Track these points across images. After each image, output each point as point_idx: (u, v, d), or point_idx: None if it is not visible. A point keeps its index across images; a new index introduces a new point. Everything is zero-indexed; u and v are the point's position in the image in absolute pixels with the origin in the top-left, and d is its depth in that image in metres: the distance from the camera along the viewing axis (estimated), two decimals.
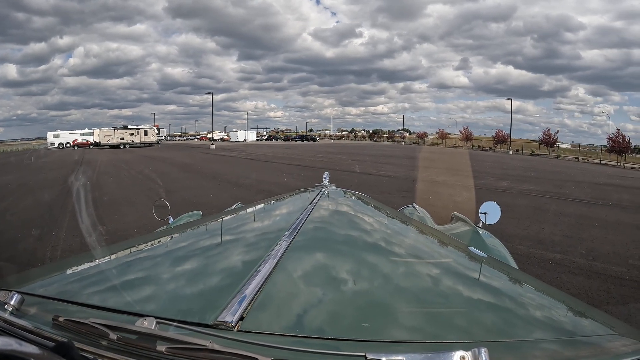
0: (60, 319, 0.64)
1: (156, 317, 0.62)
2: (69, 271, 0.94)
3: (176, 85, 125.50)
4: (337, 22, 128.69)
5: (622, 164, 29.93)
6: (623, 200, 9.83)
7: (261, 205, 1.70)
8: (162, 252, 1.09)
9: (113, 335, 0.59)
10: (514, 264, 1.52)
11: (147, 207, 7.58)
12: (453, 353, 0.54)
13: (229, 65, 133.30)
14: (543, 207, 8.29)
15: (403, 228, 1.52)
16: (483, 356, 0.53)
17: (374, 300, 0.77)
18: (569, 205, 8.72)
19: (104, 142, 44.45)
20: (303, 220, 1.17)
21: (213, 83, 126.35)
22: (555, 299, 0.92)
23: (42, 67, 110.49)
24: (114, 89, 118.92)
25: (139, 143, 46.25)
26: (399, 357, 0.55)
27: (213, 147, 38.53)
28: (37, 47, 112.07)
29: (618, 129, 33.89)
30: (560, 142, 46.92)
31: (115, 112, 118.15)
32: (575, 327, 0.80)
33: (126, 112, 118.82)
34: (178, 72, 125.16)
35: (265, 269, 0.80)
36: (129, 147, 42.98)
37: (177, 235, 1.27)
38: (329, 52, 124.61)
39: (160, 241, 1.19)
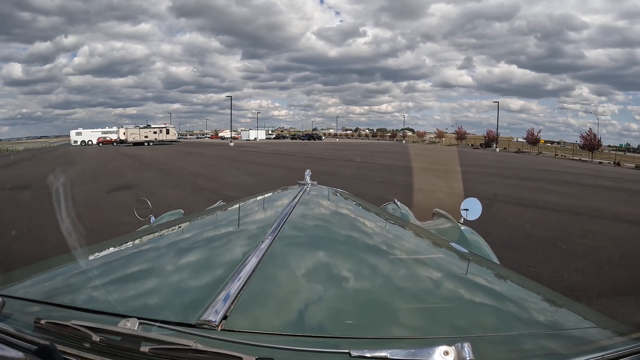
0: (42, 322, 0.64)
1: (139, 318, 0.62)
2: (50, 273, 0.94)
3: (180, 84, 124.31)
4: (341, 21, 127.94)
5: (590, 160, 34.58)
6: (540, 179, 14.57)
7: (243, 203, 1.70)
8: (144, 251, 1.09)
9: (96, 337, 0.59)
10: (495, 260, 1.55)
11: (231, 175, 12.70)
12: (436, 348, 0.55)
13: (233, 64, 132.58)
14: (467, 177, 13.24)
15: (385, 225, 1.53)
16: (466, 351, 0.54)
17: (358, 297, 0.78)
18: (484, 176, 13.61)
19: (130, 139, 47.28)
20: (285, 218, 1.18)
21: (217, 82, 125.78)
22: (537, 293, 0.93)
23: (47, 66, 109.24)
24: (118, 87, 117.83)
25: (162, 141, 49.00)
26: (383, 353, 0.55)
27: (232, 144, 43.03)
28: (42, 46, 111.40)
29: (590, 129, 38.61)
30: (555, 142, 51.34)
31: (119, 110, 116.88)
32: (558, 320, 0.81)
33: (131, 110, 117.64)
34: (182, 71, 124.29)
35: (248, 267, 0.80)
36: (153, 145, 45.73)
37: (158, 234, 1.27)
38: (333, 51, 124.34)
39: (142, 241, 1.20)
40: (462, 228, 1.88)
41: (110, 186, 10.58)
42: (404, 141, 73.47)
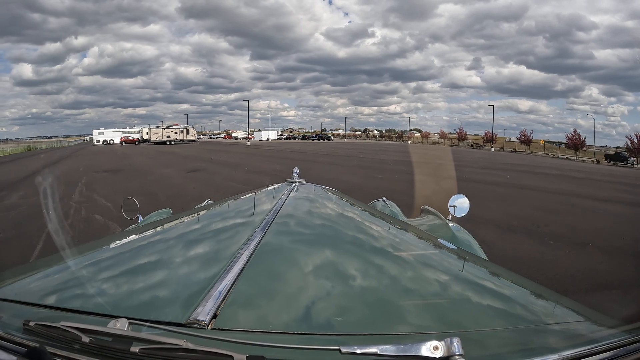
0: (31, 324, 0.64)
1: (129, 318, 0.63)
2: (38, 274, 0.95)
3: (189, 84, 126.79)
4: (349, 22, 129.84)
5: (574, 158, 38.31)
6: (501, 169, 18.62)
7: (231, 202, 1.72)
8: (132, 251, 1.10)
9: (85, 339, 0.60)
10: (483, 256, 1.57)
11: (267, 165, 17.21)
12: (426, 343, 0.56)
13: (242, 64, 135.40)
14: (444, 167, 17.39)
15: (374, 222, 1.54)
16: (456, 345, 0.55)
17: (348, 294, 0.79)
18: (457, 167, 17.79)
19: (153, 139, 49.32)
20: (274, 216, 1.19)
21: (226, 82, 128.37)
22: (525, 288, 0.95)
23: (57, 66, 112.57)
24: (127, 88, 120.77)
25: (183, 140, 51.58)
26: (373, 350, 0.56)
27: (249, 144, 46.91)
28: (52, 47, 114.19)
29: (575, 129, 42.39)
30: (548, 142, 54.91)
31: (129, 110, 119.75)
32: (546, 315, 0.82)
33: (140, 110, 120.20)
34: (191, 71, 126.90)
35: (238, 266, 0.81)
36: (174, 144, 47.65)
37: (147, 233, 1.27)
38: (341, 52, 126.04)
39: (130, 240, 1.20)
40: (450, 225, 1.89)
41: (183, 170, 14.99)
42: (409, 142, 77.32)
